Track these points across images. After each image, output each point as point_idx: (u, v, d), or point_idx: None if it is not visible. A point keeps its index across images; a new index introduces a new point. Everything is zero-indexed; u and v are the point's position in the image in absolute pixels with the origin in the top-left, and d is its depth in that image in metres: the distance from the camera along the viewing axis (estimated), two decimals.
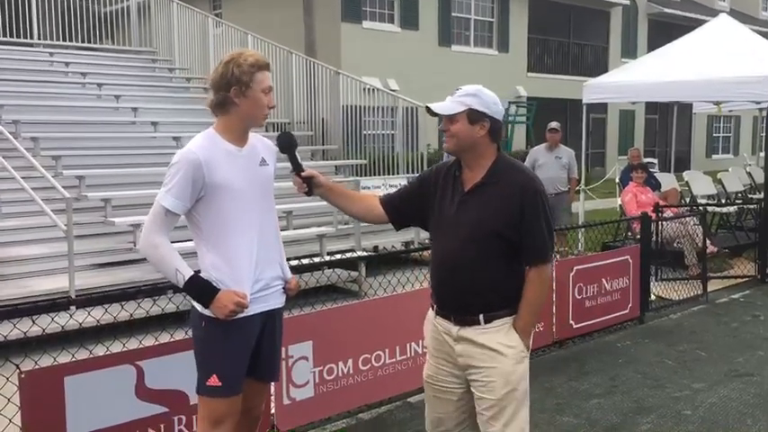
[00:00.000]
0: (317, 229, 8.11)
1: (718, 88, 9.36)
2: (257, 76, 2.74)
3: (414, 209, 2.90)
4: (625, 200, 9.26)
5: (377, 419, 4.41)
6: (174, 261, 2.69)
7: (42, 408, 3.18)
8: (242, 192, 2.76)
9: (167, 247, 2.70)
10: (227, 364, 2.75)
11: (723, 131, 30.55)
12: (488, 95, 2.72)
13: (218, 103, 2.78)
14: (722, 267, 8.77)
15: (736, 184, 12.34)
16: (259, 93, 2.76)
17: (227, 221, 2.74)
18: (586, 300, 6.01)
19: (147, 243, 2.70)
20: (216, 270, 2.74)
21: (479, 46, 21.29)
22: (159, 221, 2.69)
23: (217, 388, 2.74)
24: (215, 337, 2.74)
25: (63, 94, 10.20)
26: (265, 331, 2.88)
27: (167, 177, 2.70)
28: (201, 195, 2.71)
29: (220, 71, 2.75)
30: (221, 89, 2.75)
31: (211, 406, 2.77)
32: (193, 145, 2.74)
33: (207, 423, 2.78)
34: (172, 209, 2.67)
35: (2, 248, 6.72)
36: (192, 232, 2.82)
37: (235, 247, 2.75)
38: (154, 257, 2.71)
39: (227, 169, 2.73)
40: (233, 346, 2.76)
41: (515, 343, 2.72)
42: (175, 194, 2.67)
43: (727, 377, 5.17)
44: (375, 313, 4.52)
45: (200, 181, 2.68)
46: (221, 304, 2.68)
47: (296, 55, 11.44)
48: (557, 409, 4.58)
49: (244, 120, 2.79)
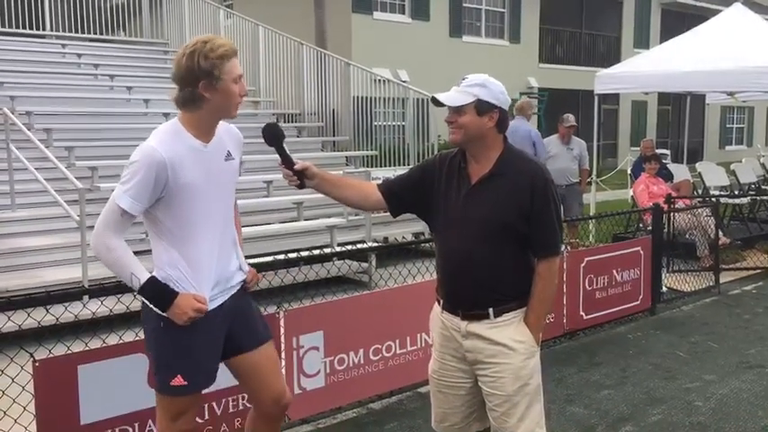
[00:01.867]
0: (328, 221, 8.11)
1: (731, 78, 9.29)
2: (226, 66, 2.54)
3: (414, 196, 2.81)
4: (637, 191, 9.22)
5: (387, 409, 4.43)
6: (129, 264, 2.54)
7: (56, 396, 3.22)
8: (205, 190, 2.61)
9: (122, 249, 2.53)
10: (193, 363, 2.64)
11: (737, 122, 30.29)
12: (496, 85, 2.65)
13: (185, 100, 2.58)
14: (735, 259, 8.71)
15: (750, 174, 12.25)
16: (230, 83, 2.56)
17: (189, 221, 2.60)
18: (597, 291, 5.99)
19: (100, 244, 2.53)
20: (173, 269, 2.60)
21: (491, 37, 21.20)
22: (114, 222, 2.52)
23: (182, 387, 2.63)
24: (177, 336, 2.60)
25: (75, 86, 10.25)
26: (235, 311, 2.77)
27: (126, 175, 2.51)
28: (162, 196, 2.54)
29: (185, 64, 2.53)
30: (188, 84, 2.55)
31: (174, 402, 2.67)
32: (156, 141, 2.55)
33: (168, 418, 2.69)
34: (129, 210, 2.50)
35: (15, 239, 6.78)
36: (149, 228, 2.66)
37: (197, 248, 2.62)
38: (108, 259, 2.54)
39: (191, 168, 2.56)
40: (198, 343, 2.64)
41: (525, 338, 2.67)
42: (133, 195, 2.49)
43: (739, 369, 5.15)
44: (385, 304, 4.54)
45: (163, 182, 2.51)
46: (180, 311, 2.55)
47: (307, 46, 11.42)
48: (567, 399, 4.58)
49: (214, 113, 2.62)
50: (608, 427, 4.18)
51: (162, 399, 2.70)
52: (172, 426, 2.70)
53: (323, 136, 11.23)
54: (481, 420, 2.83)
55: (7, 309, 3.21)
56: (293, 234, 7.86)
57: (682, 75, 9.63)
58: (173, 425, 2.70)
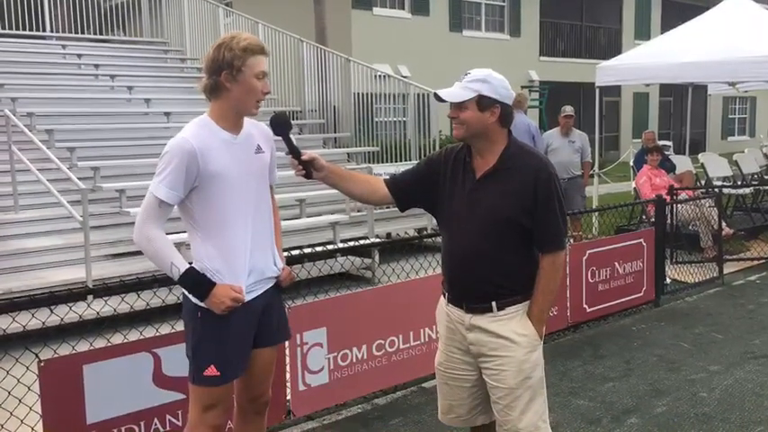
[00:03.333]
0: (331, 217, 8.12)
1: (733, 68, 9.25)
2: (249, 61, 2.64)
3: (420, 190, 2.83)
4: (639, 183, 9.20)
5: (392, 404, 4.44)
6: (169, 254, 2.62)
7: (61, 396, 3.23)
8: (237, 181, 2.69)
9: (162, 239, 2.63)
10: (226, 353, 2.71)
11: (739, 113, 30.19)
12: (498, 80, 2.65)
13: (210, 88, 2.69)
14: (738, 249, 8.71)
15: (753, 165, 12.22)
16: (251, 78, 2.65)
17: (222, 212, 2.68)
18: (600, 283, 5.99)
19: (141, 236, 2.63)
20: (210, 261, 2.68)
21: (491, 31, 21.16)
22: (153, 213, 2.61)
23: (215, 378, 2.69)
24: (214, 326, 2.69)
25: (76, 86, 10.26)
26: (264, 309, 2.83)
27: (160, 166, 2.62)
28: (195, 185, 2.63)
29: (212, 55, 2.66)
30: (213, 73, 2.66)
31: (206, 393, 2.73)
32: (187, 133, 2.65)
33: (199, 408, 2.75)
34: (166, 199, 2.60)
35: (19, 240, 6.79)
36: (185, 222, 2.75)
37: (230, 238, 2.69)
38: (149, 250, 2.64)
39: (221, 158, 2.65)
40: (231, 334, 2.71)
41: (528, 331, 2.68)
42: (169, 185, 2.59)
43: (744, 359, 5.15)
44: (388, 299, 4.54)
45: (195, 170, 2.60)
46: (218, 300, 2.63)
47: (307, 43, 11.42)
48: (571, 392, 4.58)
49: (235, 106, 2.70)
50: (613, 419, 4.18)
51: (194, 390, 2.76)
52: (202, 417, 2.75)
53: (324, 132, 11.23)
54: (486, 413, 2.85)
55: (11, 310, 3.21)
56: (296, 231, 7.85)
57: (683, 65, 9.60)
58: (203, 416, 2.75)
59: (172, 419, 3.56)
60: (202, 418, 2.75)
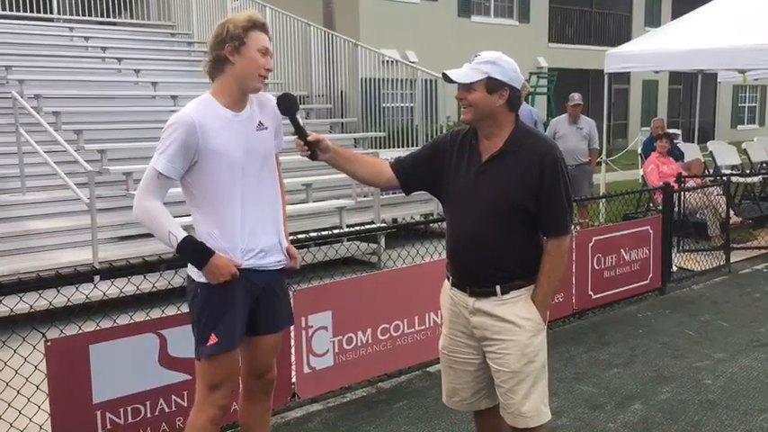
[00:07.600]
0: (337, 202, 8.12)
1: (743, 56, 9.17)
2: (252, 34, 2.69)
3: (425, 173, 2.82)
4: (647, 170, 9.16)
5: (396, 388, 4.45)
6: (166, 222, 2.66)
7: (68, 375, 3.26)
8: (237, 159, 2.70)
9: (159, 208, 2.66)
10: (222, 319, 2.72)
11: (749, 101, 29.96)
12: (508, 63, 2.63)
13: (213, 64, 2.73)
14: (746, 238, 8.67)
15: (762, 153, 12.14)
16: (254, 51, 2.69)
17: (221, 189, 2.69)
18: (605, 270, 5.98)
19: (139, 207, 2.67)
20: (212, 239, 2.71)
21: (499, 16, 21.02)
22: (152, 185, 2.65)
23: (214, 346, 2.71)
24: (209, 297, 2.72)
25: (83, 69, 10.24)
26: (265, 289, 2.85)
27: (161, 141, 2.65)
28: (195, 160, 2.66)
29: (216, 32, 2.72)
30: (216, 48, 2.70)
31: (209, 369, 2.75)
32: (188, 108, 2.68)
33: (205, 387, 2.78)
34: (164, 172, 2.63)
35: (26, 222, 6.82)
36: (187, 201, 2.78)
37: (228, 216, 2.71)
38: (146, 221, 2.69)
39: (221, 135, 2.67)
40: (227, 302, 2.73)
41: (532, 315, 2.68)
42: (168, 157, 2.62)
43: (749, 347, 5.14)
44: (393, 283, 4.54)
45: (194, 144, 2.62)
46: (215, 269, 2.67)
47: (314, 27, 11.37)
48: (576, 378, 4.59)
49: (238, 79, 2.71)
50: (616, 405, 4.19)
51: (200, 366, 2.79)
52: (209, 396, 2.77)
53: (331, 117, 11.20)
54: (490, 397, 2.85)
55: (18, 290, 3.23)
56: (302, 216, 7.86)
57: (693, 53, 9.52)
58: (210, 396, 2.77)
59: (177, 400, 3.58)
60: (209, 398, 2.77)
